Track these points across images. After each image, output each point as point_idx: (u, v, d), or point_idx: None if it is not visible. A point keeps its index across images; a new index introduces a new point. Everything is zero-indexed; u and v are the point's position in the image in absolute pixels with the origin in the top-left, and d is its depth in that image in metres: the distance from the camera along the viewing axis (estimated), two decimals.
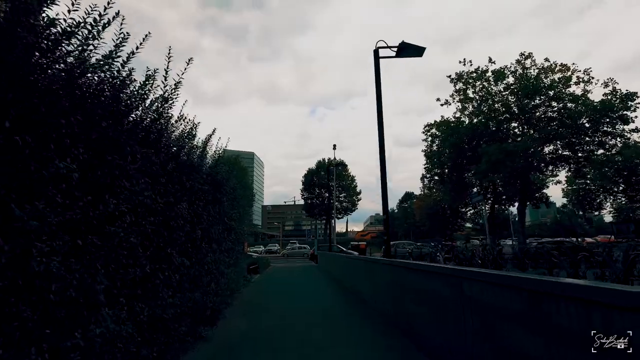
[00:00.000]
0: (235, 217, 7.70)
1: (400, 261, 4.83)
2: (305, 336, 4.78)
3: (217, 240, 5.90)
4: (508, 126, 24.67)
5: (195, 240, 4.72)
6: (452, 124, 27.61)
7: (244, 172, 50.91)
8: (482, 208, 47.51)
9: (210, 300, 5.41)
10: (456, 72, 25.84)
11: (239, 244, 9.21)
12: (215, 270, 5.86)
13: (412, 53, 7.33)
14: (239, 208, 9.10)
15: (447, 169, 27.48)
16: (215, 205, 5.64)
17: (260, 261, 19.21)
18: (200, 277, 4.99)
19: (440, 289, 3.58)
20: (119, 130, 2.68)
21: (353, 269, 8.95)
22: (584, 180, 39.81)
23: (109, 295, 2.63)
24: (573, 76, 23.17)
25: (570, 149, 22.92)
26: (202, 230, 4.95)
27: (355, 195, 53.98)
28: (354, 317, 5.94)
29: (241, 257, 10.42)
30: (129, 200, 2.74)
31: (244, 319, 6.07)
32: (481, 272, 2.84)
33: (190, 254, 4.70)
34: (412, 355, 3.82)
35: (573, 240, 29.67)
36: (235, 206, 7.99)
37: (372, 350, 4.13)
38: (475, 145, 25.91)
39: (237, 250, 8.43)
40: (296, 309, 6.86)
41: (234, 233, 7.75)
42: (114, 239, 2.54)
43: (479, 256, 12.25)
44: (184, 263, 4.32)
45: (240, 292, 10.23)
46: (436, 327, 3.68)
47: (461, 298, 3.12)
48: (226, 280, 6.89)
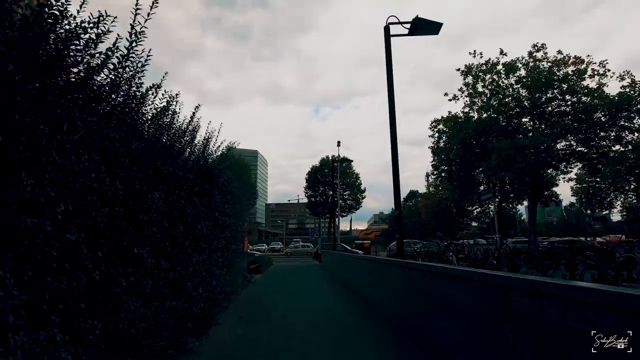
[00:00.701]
0: (231, 213, 6.99)
1: (422, 264, 4.08)
2: (308, 350, 4.05)
3: (206, 238, 5.19)
4: (519, 121, 23.65)
5: (176, 237, 4.00)
6: (460, 119, 26.69)
7: (246, 168, 50.26)
8: (491, 206, 46.64)
9: (197, 307, 4.71)
10: (466, 64, 24.92)
11: (237, 242, 8.51)
12: (205, 272, 5.15)
13: (428, 30, 6.54)
14: (236, 203, 8.40)
15: (455, 165, 26.54)
16: (203, 197, 4.92)
17: (262, 260, 18.52)
18: (184, 281, 4.27)
19: (476, 300, 2.83)
20: (48, 84, 1.95)
21: (362, 270, 8.19)
22: (593, 178, 38.77)
23: (34, 314, 1.91)
24: (588, 68, 22.16)
25: (585, 145, 21.91)
26: (185, 226, 4.24)
27: (359, 193, 53.04)
28: (363, 325, 5.21)
29: (239, 257, 9.72)
30: (64, 182, 2.01)
31: (240, 327, 5.36)
32: (541, 282, 2.06)
33: (171, 254, 3.99)
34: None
35: (587, 240, 28.72)
36: (230, 200, 7.28)
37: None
38: (484, 141, 24.99)
39: (233, 249, 7.71)
40: (298, 315, 6.14)
41: (229, 230, 7.04)
42: (34, 235, 1.82)
43: (493, 256, 11.44)
44: (159, 265, 3.60)
45: (239, 294, 9.57)
46: (469, 350, 2.92)
47: (507, 314, 2.37)
48: (219, 282, 6.19)
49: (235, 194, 7.90)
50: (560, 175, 25.22)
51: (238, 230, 8.21)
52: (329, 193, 52.10)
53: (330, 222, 54.95)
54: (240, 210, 10.94)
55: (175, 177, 3.88)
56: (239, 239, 8.93)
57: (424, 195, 59.01)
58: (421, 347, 3.88)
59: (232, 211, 7.23)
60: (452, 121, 27.23)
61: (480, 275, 2.80)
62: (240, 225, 9.14)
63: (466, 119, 26.30)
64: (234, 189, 8.02)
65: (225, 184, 6.46)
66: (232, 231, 7.25)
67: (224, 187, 6.44)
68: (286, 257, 37.76)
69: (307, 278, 13.16)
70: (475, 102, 25.53)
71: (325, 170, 51.51)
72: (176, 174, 3.91)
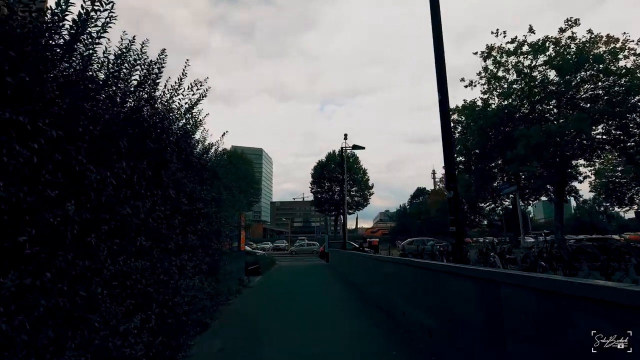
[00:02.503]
0: (208, 198, 5.02)
1: (522, 274, 2.10)
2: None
3: (155, 232, 3.23)
4: (544, 107, 21.29)
5: (59, 230, 2.05)
6: (477, 107, 24.48)
7: (249, 163, 48.27)
8: (505, 202, 44.28)
9: (134, 347, 2.77)
10: (487, 44, 22.65)
11: (222, 238, 6.54)
12: (153, 286, 3.20)
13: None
14: (223, 189, 6.44)
15: (472, 157, 24.29)
16: (142, 162, 2.96)
17: (264, 260, 16.57)
18: (86, 311, 2.31)
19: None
20: None
21: (391, 279, 6.09)
22: (612, 173, 36.49)
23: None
24: (625, 46, 19.84)
25: (623, 131, 19.55)
26: (92, 211, 2.29)
27: (367, 189, 50.71)
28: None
29: (228, 258, 7.80)
30: None
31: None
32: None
33: (43, 261, 2.02)
34: None
35: (622, 238, 26.37)
36: (209, 182, 5.33)
37: None
38: (506, 130, 22.77)
39: (214, 247, 5.76)
40: (303, 344, 4.18)
41: (207, 222, 5.08)
42: None
43: (541, 257, 9.32)
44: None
45: (231, 303, 7.68)
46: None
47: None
48: (191, 296, 4.26)
49: (218, 173, 5.95)
50: (587, 167, 22.91)
51: (223, 222, 6.24)
52: (335, 189, 50.00)
53: (336, 219, 52.90)
54: (233, 201, 9.04)
55: (48, 100, 1.93)
56: (226, 234, 6.97)
57: (434, 191, 56.57)
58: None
59: (211, 197, 5.24)
60: (468, 109, 25.05)
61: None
62: (230, 217, 7.18)
63: (484, 106, 24.09)
64: (218, 168, 6.07)
65: (197, 156, 4.50)
66: (211, 223, 5.28)
67: (195, 160, 4.48)
68: (291, 256, 35.79)
69: (314, 286, 11.15)
70: (495, 87, 23.27)
71: (331, 166, 49.41)
72: (52, 93, 1.96)
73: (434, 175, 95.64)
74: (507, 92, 22.21)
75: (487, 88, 24.12)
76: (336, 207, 50.21)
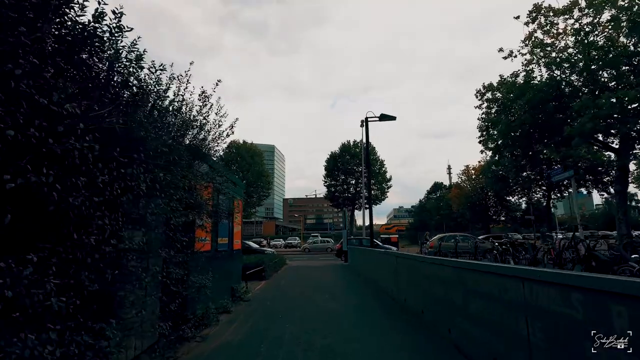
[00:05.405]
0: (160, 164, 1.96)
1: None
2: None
3: None
4: (611, 73, 17.44)
5: None
6: (518, 82, 20.79)
7: (259, 155, 45.32)
8: (537, 195, 39.89)
9: None
10: (535, 3, 18.90)
11: (186, 232, 3.50)
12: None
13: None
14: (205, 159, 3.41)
15: (518, 135, 20.53)
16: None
17: (271, 260, 13.52)
18: None
19: None
20: None
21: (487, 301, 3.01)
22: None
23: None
24: None
25: None
26: None
27: (385, 182, 46.98)
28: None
29: (207, 260, 4.79)
30: None
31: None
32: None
33: None
34: None
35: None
36: (166, 139, 2.26)
37: None
38: (556, 105, 19.10)
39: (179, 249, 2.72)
40: None
41: (165, 203, 2.02)
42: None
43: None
44: None
45: (213, 325, 4.78)
46: None
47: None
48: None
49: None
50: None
51: (199, 205, 3.23)
52: (350, 182, 46.62)
53: (351, 215, 49.57)
54: (222, 181, 6.08)
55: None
56: (205, 223, 3.97)
57: (457, 184, 52.40)
58: None
59: (163, 162, 2.22)
60: (505, 86, 21.46)
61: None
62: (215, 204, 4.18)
63: (529, 79, 20.41)
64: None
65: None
66: (169, 204, 2.23)
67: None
68: (304, 253, 32.70)
69: (336, 301, 7.97)
70: (543, 55, 19.54)
71: (346, 157, 45.89)
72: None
73: (449, 171, 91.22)
74: (557, 61, 18.51)
75: (527, 59, 20.48)
76: (351, 201, 46.91)
